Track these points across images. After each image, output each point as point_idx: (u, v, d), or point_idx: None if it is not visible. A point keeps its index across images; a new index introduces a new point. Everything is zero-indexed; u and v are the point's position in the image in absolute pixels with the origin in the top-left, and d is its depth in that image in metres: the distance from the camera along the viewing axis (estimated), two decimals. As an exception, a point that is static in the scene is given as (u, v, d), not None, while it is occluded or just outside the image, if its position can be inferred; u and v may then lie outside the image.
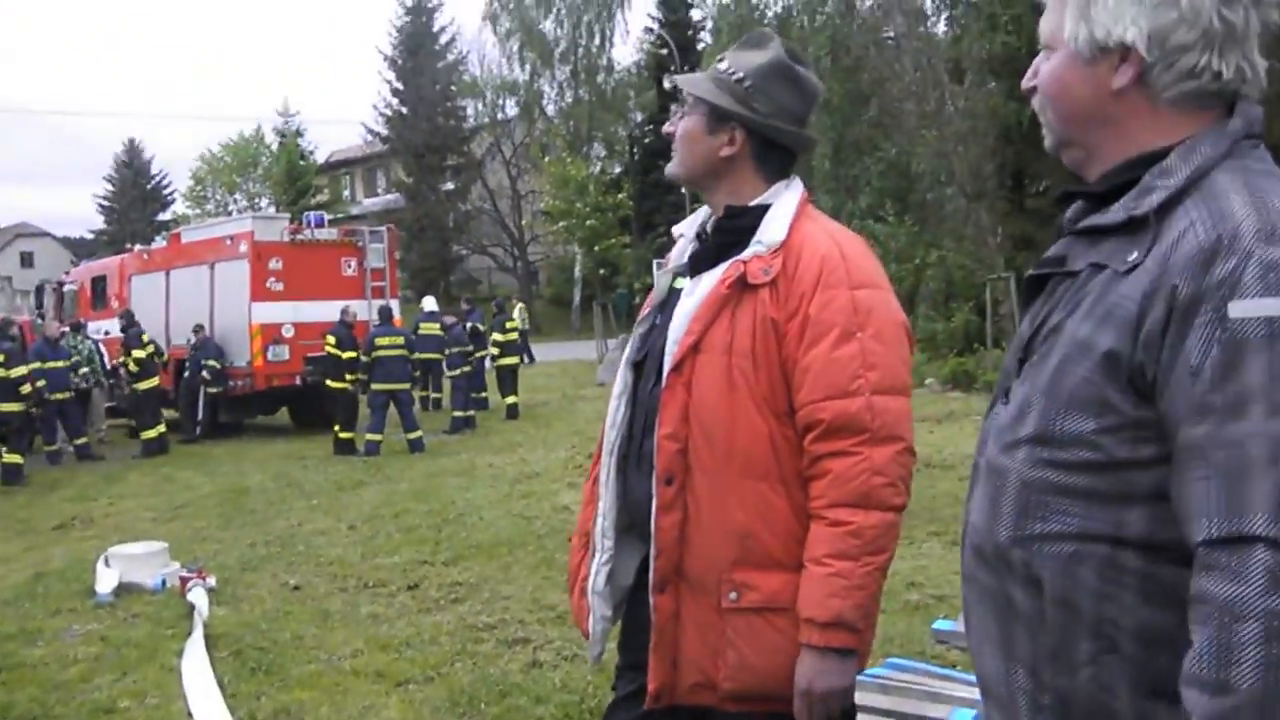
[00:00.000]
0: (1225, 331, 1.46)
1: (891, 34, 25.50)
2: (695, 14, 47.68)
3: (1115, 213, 1.67)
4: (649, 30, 50.88)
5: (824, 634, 2.47)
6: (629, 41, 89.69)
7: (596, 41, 52.85)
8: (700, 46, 45.51)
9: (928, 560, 8.20)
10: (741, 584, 2.58)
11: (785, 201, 2.74)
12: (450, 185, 55.14)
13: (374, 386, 16.81)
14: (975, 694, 2.38)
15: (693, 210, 3.08)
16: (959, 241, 24.15)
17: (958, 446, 13.51)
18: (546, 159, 48.66)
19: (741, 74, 2.71)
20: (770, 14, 30.87)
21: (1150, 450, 1.55)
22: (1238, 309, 1.46)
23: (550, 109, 54.22)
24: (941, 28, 27.83)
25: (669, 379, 2.64)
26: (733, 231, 2.73)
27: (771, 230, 2.67)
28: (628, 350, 2.90)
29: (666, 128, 2.81)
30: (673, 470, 2.61)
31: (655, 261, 28.88)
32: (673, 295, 2.84)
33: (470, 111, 55.93)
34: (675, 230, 2.98)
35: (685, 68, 43.24)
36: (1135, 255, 1.59)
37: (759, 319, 2.59)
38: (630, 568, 2.83)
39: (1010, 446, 1.71)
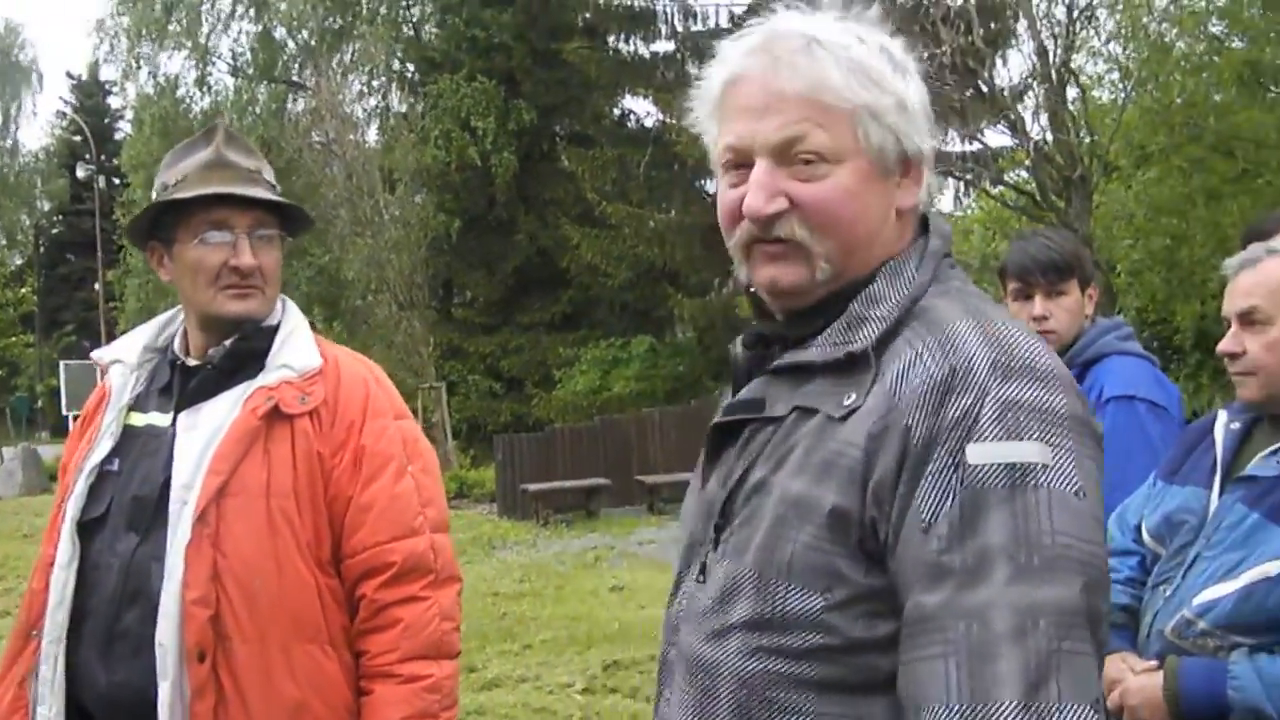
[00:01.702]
0: (963, 480, 1.26)
1: (323, 139, 25.32)
2: (114, 101, 45.31)
3: (823, 348, 1.44)
4: (61, 114, 47.91)
5: None
6: (37, 124, 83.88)
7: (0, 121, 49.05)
8: (119, 136, 43.16)
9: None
10: None
11: (294, 321, 2.40)
12: None
13: None
14: None
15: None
16: (390, 349, 24.15)
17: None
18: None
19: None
20: (197, 109, 29.80)
21: (889, 627, 1.31)
22: (977, 454, 1.27)
23: (-58, 191, 49.27)
24: (373, 136, 28.09)
25: (194, 531, 2.15)
26: (242, 356, 2.32)
27: (297, 353, 2.33)
28: (70, 508, 2.28)
29: (244, 260, 2.29)
30: (205, 644, 2.12)
31: (62, 364, 26.73)
32: (132, 435, 2.33)
33: None
34: (103, 355, 2.47)
35: (101, 158, 40.95)
36: (853, 397, 1.37)
37: (301, 453, 2.23)
38: None
39: (717, 635, 1.41)
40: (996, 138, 14.64)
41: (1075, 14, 13.00)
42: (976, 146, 15.48)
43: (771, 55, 1.46)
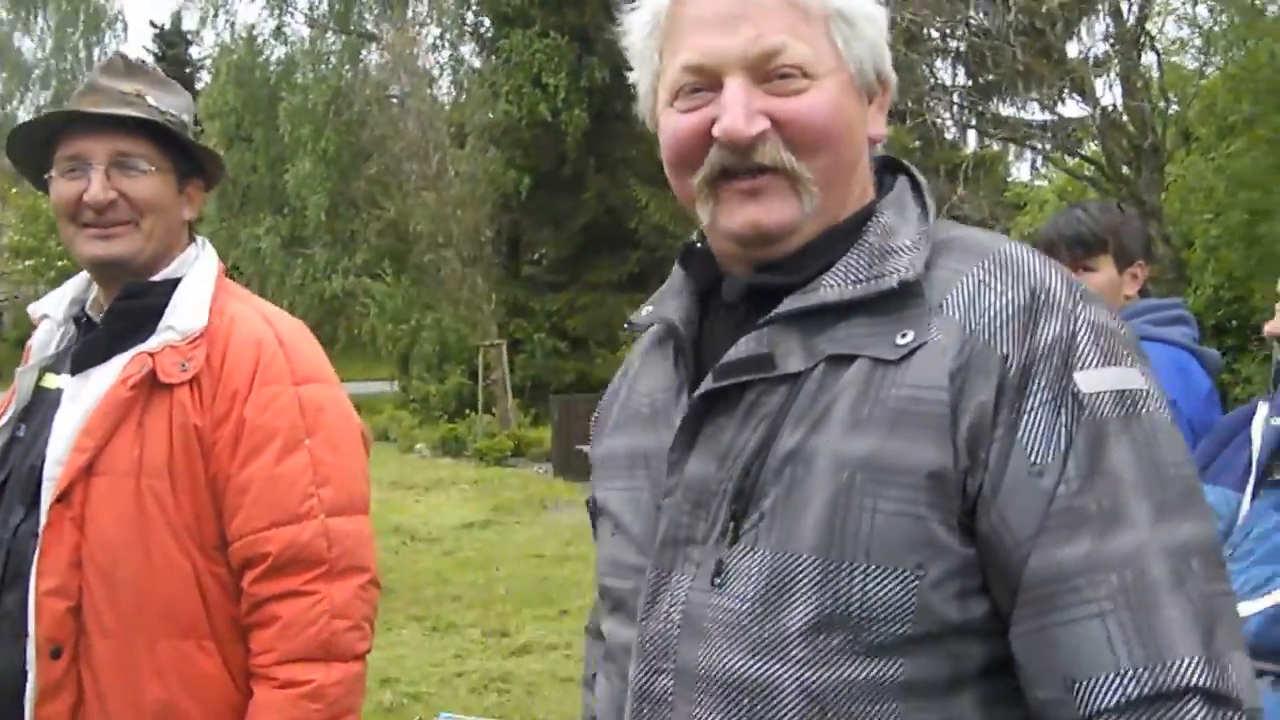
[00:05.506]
0: (1080, 411, 1.12)
1: (396, 93, 25.30)
2: (194, 51, 45.72)
3: (845, 285, 1.23)
4: (142, 63, 48.32)
5: None
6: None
7: (84, 68, 49.60)
8: (199, 86, 43.54)
9: (405, 649, 7.61)
10: None
11: (200, 274, 2.13)
12: (-112, 213, 49.41)
13: None
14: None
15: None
16: (454, 305, 24.21)
17: (444, 517, 13.24)
18: (14, 190, 44.69)
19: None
20: (274, 58, 29.94)
21: (983, 606, 1.15)
22: (1088, 381, 1.13)
23: (25, 136, 50.10)
24: (445, 90, 28.02)
25: (52, 513, 1.96)
26: (132, 315, 2.08)
27: (186, 313, 2.06)
28: None
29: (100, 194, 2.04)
30: (60, 638, 1.94)
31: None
32: (42, 398, 2.13)
33: (-76, 131, 50.43)
34: (35, 310, 2.24)
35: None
36: (910, 335, 1.18)
37: (177, 427, 1.99)
38: None
39: (771, 647, 1.17)
40: (1074, 107, 14.15)
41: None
42: (1052, 116, 14.97)
43: None
